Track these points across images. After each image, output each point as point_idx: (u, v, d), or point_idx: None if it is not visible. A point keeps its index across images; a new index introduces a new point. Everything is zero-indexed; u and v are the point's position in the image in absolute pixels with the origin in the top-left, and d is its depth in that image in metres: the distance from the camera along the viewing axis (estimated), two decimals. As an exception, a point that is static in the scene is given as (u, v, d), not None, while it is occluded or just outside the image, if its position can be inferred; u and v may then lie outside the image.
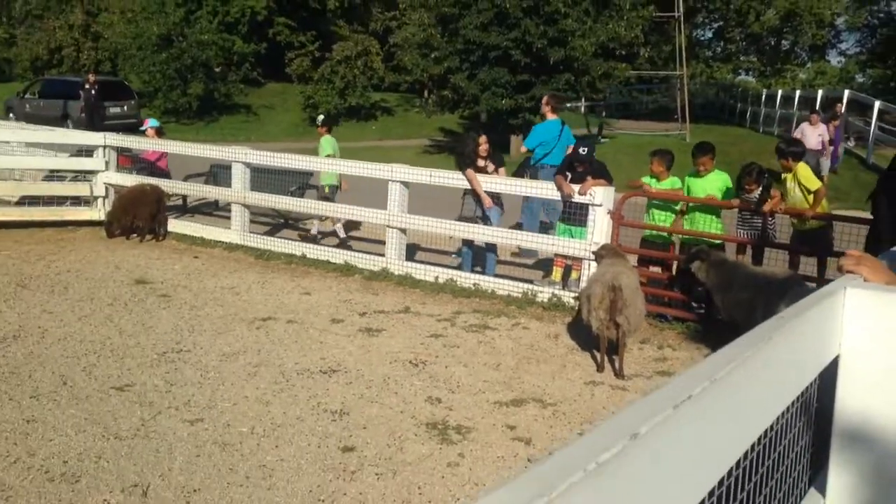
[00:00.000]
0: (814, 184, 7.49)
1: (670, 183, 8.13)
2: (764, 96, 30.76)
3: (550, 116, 10.34)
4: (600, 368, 6.35)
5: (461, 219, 8.92)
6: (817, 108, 20.63)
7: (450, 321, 7.59)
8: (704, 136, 26.64)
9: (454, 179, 8.96)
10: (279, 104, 35.55)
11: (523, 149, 10.54)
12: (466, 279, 8.81)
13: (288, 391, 5.59)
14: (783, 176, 7.76)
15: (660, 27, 31.26)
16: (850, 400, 1.96)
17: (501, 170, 8.79)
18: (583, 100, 23.19)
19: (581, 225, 8.10)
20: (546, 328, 7.47)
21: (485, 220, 8.72)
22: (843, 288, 1.94)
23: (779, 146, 8.01)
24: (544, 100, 10.77)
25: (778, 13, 36.27)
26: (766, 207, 7.51)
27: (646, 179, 8.12)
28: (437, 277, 8.98)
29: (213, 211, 13.12)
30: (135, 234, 11.08)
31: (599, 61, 21.78)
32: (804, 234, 7.71)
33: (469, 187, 8.64)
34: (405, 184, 9.30)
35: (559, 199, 8.16)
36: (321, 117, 12.33)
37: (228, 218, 11.24)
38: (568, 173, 8.08)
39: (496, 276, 8.90)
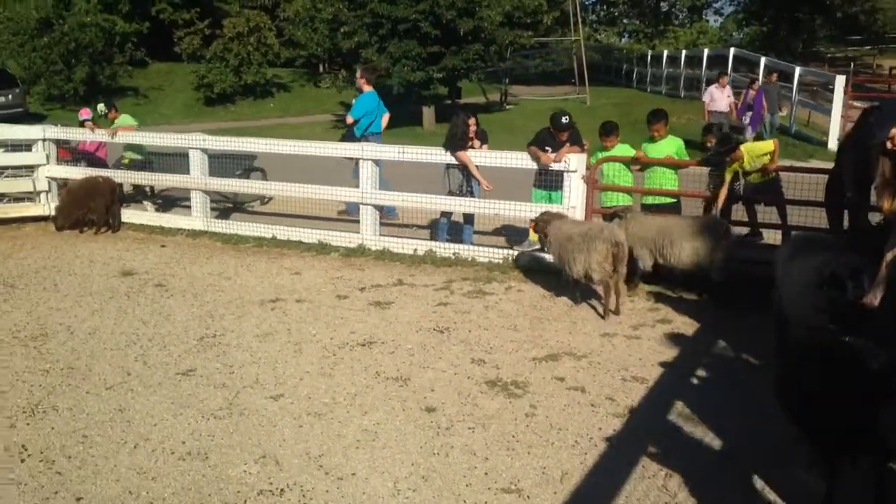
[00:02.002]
0: (767, 146, 8.34)
1: (623, 149, 8.80)
2: (649, 57, 32.29)
3: (367, 88, 11.20)
4: (606, 316, 7.05)
5: (449, 193, 9.35)
6: (729, 71, 21.86)
7: (447, 290, 8.07)
8: (602, 99, 27.95)
9: (425, 155, 9.37)
10: (167, 85, 34.58)
11: (349, 119, 11.16)
12: (446, 249, 9.28)
13: (342, 364, 5.97)
14: (735, 165, 8.47)
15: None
16: None
17: (485, 146, 9.26)
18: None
19: (558, 189, 8.73)
20: (538, 289, 8.05)
21: (470, 192, 9.20)
22: None
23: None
24: (359, 73, 11.59)
25: (658, -25, 38.07)
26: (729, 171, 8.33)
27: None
28: (415, 250, 9.42)
29: (143, 199, 12.83)
30: (87, 227, 11.00)
31: (506, 30, 22.42)
32: (759, 186, 8.61)
33: (453, 162, 9.08)
34: (376, 161, 9.67)
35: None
36: (101, 106, 12.52)
37: (169, 205, 11.30)
38: (547, 148, 8.62)
39: (473, 244, 9.42)
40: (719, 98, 17.09)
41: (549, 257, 8.67)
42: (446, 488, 4.16)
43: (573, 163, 8.52)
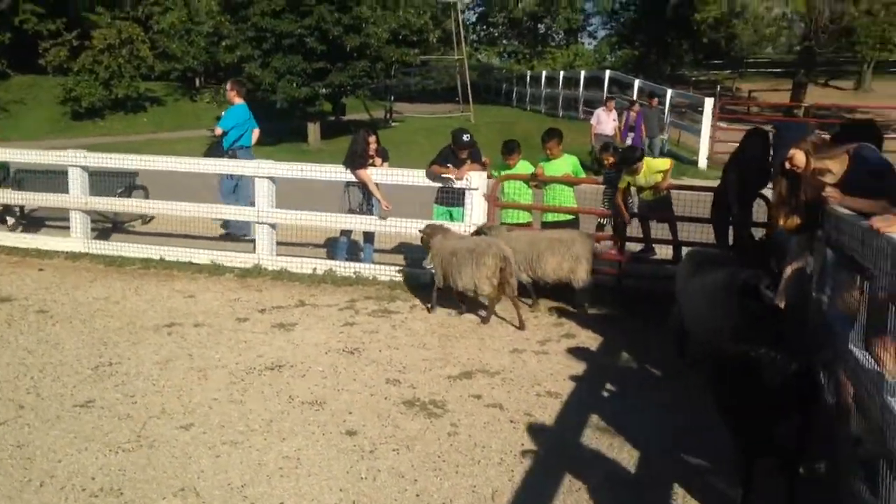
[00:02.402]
0: (664, 163, 8.70)
1: (523, 167, 8.99)
2: (528, 78, 33.11)
3: (237, 101, 11.23)
4: (486, 321, 7.53)
5: (349, 211, 9.23)
6: (605, 92, 22.45)
7: (351, 309, 7.97)
8: (485, 117, 28.41)
9: (325, 173, 9.25)
10: (30, 98, 32.78)
11: (218, 131, 11.09)
12: (346, 268, 9.17)
13: (252, 389, 5.78)
14: (633, 177, 8.80)
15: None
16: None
17: (386, 164, 9.20)
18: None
19: (459, 206, 8.80)
20: (444, 308, 8.06)
21: (370, 211, 9.12)
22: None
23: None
24: (229, 86, 11.60)
25: (536, -1, 39.16)
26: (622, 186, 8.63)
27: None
28: (314, 269, 9.26)
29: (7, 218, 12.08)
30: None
31: (392, 47, 22.45)
32: (651, 203, 8.94)
33: (353, 180, 8.98)
34: (272, 179, 9.47)
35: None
36: None
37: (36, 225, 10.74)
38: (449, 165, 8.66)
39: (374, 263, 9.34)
40: (605, 121, 17.49)
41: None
42: (378, 514, 4.09)
43: (475, 180, 8.60)
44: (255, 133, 11.35)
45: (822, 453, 4.40)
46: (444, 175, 8.56)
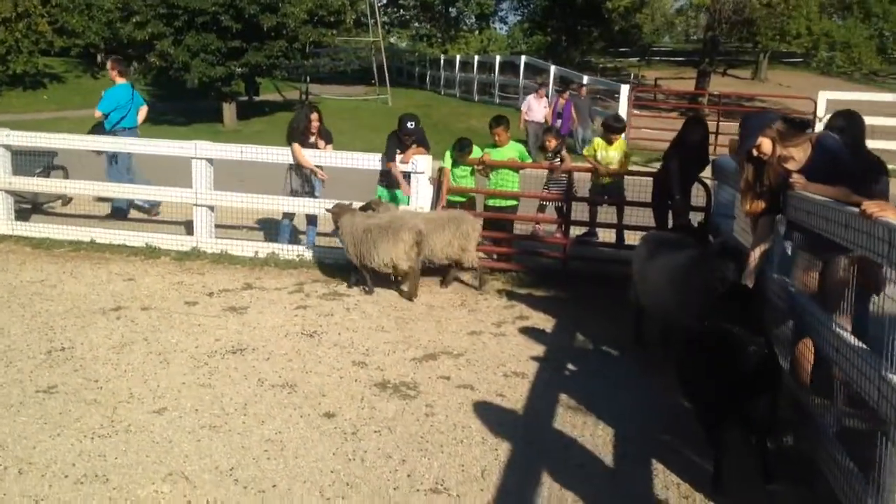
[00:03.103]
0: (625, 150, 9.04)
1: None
2: (442, 61, 33.16)
3: (119, 80, 11.01)
4: (413, 298, 7.68)
5: (291, 193, 9.12)
6: (520, 77, 22.47)
7: (301, 292, 7.91)
8: (403, 100, 28.38)
9: (266, 154, 9.12)
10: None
11: (98, 113, 10.90)
12: (289, 251, 9.08)
13: (218, 373, 5.70)
14: (605, 147, 9.06)
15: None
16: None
17: (329, 146, 9.12)
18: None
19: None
20: (392, 289, 8.10)
21: (311, 193, 9.04)
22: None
23: (608, 122, 9.25)
24: (110, 65, 11.32)
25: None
26: (564, 167, 8.87)
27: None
28: (256, 252, 9.13)
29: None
30: None
31: (309, 28, 22.11)
32: (604, 188, 9.19)
33: (294, 163, 8.88)
34: (210, 160, 9.27)
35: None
36: None
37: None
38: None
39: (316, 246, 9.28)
40: (536, 108, 17.53)
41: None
42: (375, 494, 4.12)
43: (420, 164, 8.64)
44: (142, 112, 11.14)
45: (787, 426, 4.68)
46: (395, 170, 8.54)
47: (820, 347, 4.19)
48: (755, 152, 4.92)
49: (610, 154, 9.07)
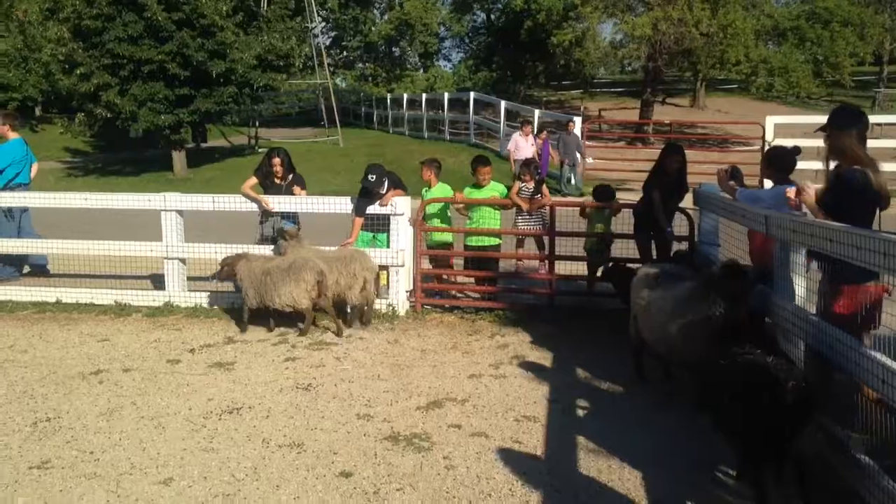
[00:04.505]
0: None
1: (444, 191, 8.99)
2: (389, 100, 33.22)
3: (12, 136, 10.71)
4: (303, 333, 7.92)
5: (262, 239, 8.92)
6: (470, 113, 22.35)
7: (286, 343, 7.68)
8: (353, 140, 28.28)
9: (239, 203, 8.89)
10: None
11: None
12: (268, 301, 8.81)
13: (220, 436, 5.43)
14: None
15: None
16: None
17: (303, 191, 8.94)
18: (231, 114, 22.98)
19: (382, 231, 8.69)
20: (380, 335, 7.92)
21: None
22: None
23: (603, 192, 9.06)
24: (1, 120, 10.80)
25: (392, 23, 39.31)
26: (535, 206, 8.82)
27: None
28: (233, 304, 8.86)
29: None
30: None
31: (259, 72, 21.89)
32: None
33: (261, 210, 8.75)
34: (179, 212, 9.02)
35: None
36: None
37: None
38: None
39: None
40: (524, 146, 17.35)
41: (380, 301, 8.60)
42: (413, 557, 3.92)
43: (400, 206, 8.52)
44: (35, 168, 10.88)
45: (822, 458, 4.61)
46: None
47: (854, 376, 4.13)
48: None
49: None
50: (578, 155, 18.33)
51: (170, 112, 21.07)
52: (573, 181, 18.31)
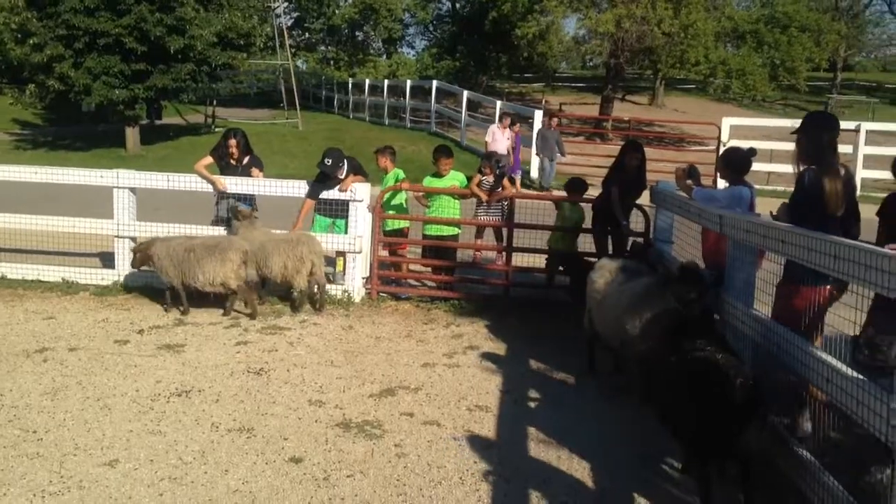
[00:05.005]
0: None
1: (396, 176, 8.97)
2: (350, 85, 32.93)
3: None
4: (226, 313, 7.94)
5: (216, 220, 8.80)
6: (432, 101, 22.11)
7: (238, 327, 7.59)
8: (312, 124, 28.01)
9: (195, 183, 8.75)
10: None
11: None
12: (220, 283, 8.70)
13: (167, 418, 5.35)
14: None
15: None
16: None
17: (260, 173, 8.81)
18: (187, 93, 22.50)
19: (341, 217, 8.63)
20: (334, 322, 7.86)
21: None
22: None
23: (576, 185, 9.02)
24: None
25: (356, 7, 38.98)
26: (493, 197, 8.84)
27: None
28: (184, 285, 8.71)
29: None
30: None
31: (218, 50, 21.53)
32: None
33: (224, 191, 8.60)
34: (133, 190, 8.85)
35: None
36: None
37: None
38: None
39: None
40: (500, 139, 17.12)
41: (335, 287, 8.55)
42: (361, 545, 3.90)
43: (359, 192, 8.46)
44: None
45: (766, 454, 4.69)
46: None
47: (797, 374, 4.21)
48: None
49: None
50: (557, 150, 18.29)
51: (125, 87, 20.63)
52: (551, 175, 18.31)
